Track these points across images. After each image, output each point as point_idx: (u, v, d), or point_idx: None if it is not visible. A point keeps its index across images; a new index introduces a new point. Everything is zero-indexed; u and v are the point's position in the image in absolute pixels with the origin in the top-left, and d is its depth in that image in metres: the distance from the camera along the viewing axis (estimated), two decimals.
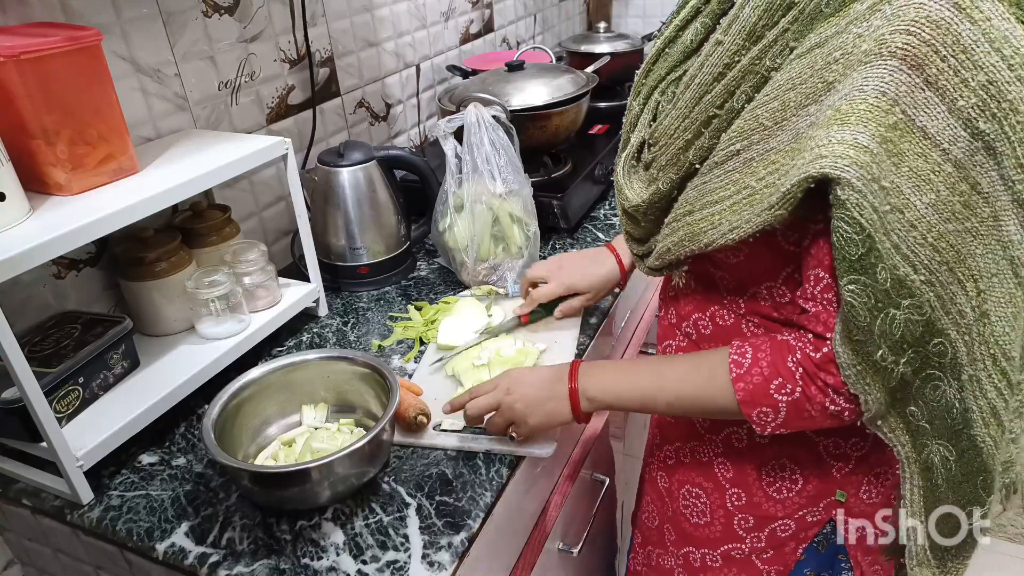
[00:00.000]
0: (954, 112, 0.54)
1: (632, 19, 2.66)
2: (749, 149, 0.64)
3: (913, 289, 0.57)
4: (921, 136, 0.55)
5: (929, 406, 0.63)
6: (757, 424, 0.68)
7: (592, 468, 1.21)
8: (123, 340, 0.92)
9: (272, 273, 1.07)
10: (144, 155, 0.94)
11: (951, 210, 0.56)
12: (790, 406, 0.66)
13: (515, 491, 0.90)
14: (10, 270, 0.70)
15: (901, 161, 0.55)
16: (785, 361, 0.66)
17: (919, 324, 0.58)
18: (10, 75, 0.74)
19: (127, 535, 0.79)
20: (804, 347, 0.65)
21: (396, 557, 0.75)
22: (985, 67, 0.53)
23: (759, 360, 0.68)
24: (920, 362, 0.61)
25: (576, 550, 1.11)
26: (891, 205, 0.56)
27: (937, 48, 0.53)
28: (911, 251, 0.57)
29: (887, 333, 0.58)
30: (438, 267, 1.32)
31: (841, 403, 0.64)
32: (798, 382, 0.65)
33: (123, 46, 1.00)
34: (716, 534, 0.85)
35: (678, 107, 0.71)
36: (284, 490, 0.78)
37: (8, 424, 0.80)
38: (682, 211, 0.72)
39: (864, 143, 0.54)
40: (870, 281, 0.57)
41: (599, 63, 1.64)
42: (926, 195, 0.56)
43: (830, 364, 0.63)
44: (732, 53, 0.65)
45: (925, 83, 0.54)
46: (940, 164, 0.55)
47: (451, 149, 1.17)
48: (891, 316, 0.57)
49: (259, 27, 1.21)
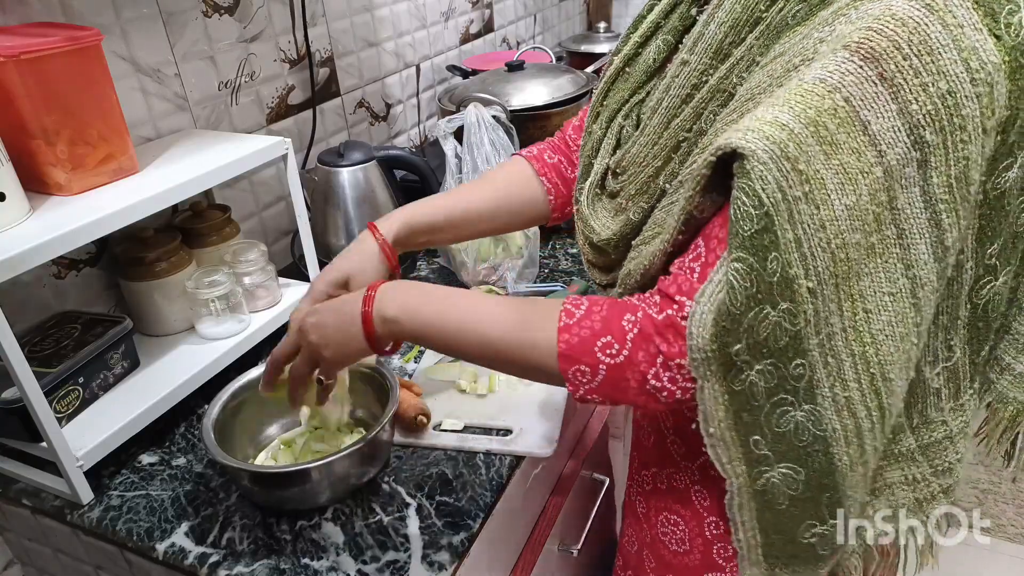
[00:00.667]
0: (904, 114, 0.50)
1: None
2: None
3: (796, 295, 0.52)
4: (861, 130, 0.51)
5: (774, 433, 0.58)
6: (571, 383, 0.61)
7: (592, 468, 1.21)
8: (123, 340, 0.92)
9: (272, 273, 1.07)
10: (144, 155, 0.94)
11: (863, 220, 0.52)
12: (610, 369, 0.60)
13: (515, 491, 0.90)
14: (10, 270, 0.70)
15: (833, 152, 0.50)
16: (621, 319, 0.60)
17: (786, 334, 0.53)
18: (10, 75, 0.74)
19: (127, 535, 0.79)
20: (648, 308, 0.59)
21: (396, 557, 0.75)
22: (948, 75, 0.49)
23: (592, 313, 0.61)
24: (776, 382, 0.56)
25: (576, 550, 1.11)
26: (805, 194, 0.50)
27: (900, 45, 0.49)
28: (811, 252, 0.51)
29: (753, 329, 0.53)
30: (438, 267, 1.32)
31: (663, 379, 0.59)
32: (627, 343, 0.59)
33: (123, 46, 1.00)
34: (695, 562, 0.81)
35: (646, 133, 0.67)
36: (284, 490, 0.78)
37: (8, 424, 0.80)
38: (651, 233, 0.67)
39: (784, 121, 0.50)
40: (759, 266, 0.51)
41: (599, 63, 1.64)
42: (847, 196, 0.51)
43: (668, 330, 0.57)
44: (700, 73, 0.62)
45: (879, 77, 0.50)
46: (872, 165, 0.51)
47: (451, 149, 1.17)
48: (764, 313, 0.52)
49: (259, 27, 1.21)
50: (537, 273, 1.24)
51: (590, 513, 1.19)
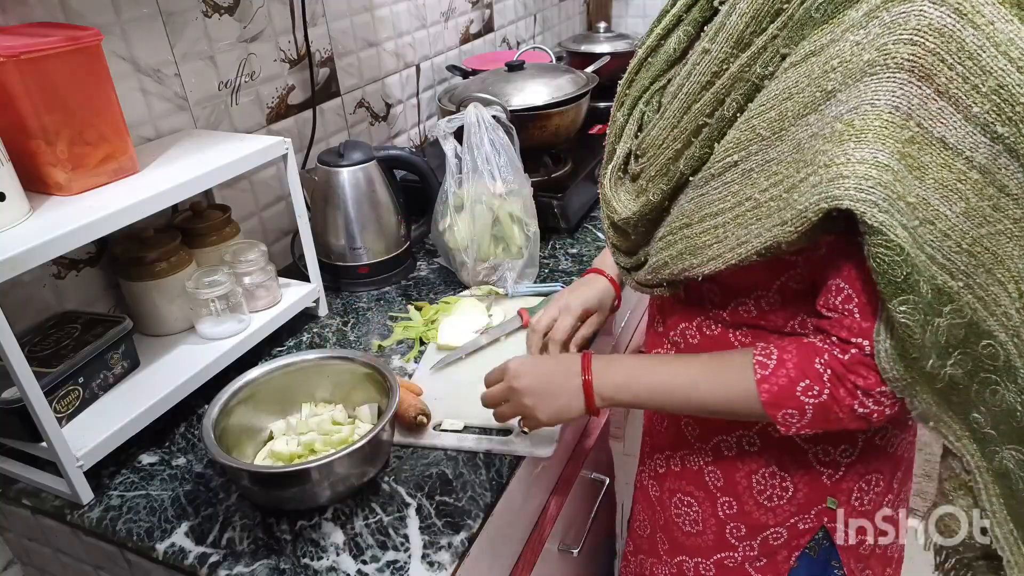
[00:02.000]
0: (970, 119, 0.54)
1: (632, 19, 2.66)
2: (747, 160, 0.63)
3: (952, 295, 0.58)
4: (941, 147, 0.55)
5: (992, 411, 0.63)
6: (782, 425, 0.67)
7: (592, 468, 1.21)
8: (123, 340, 0.92)
9: (272, 273, 1.07)
10: (144, 155, 0.94)
11: (982, 215, 0.56)
12: (816, 408, 0.65)
13: (515, 491, 0.90)
14: (10, 270, 0.70)
15: (924, 174, 0.55)
16: (812, 363, 0.65)
17: (961, 327, 0.59)
18: (10, 75, 0.74)
19: (127, 535, 0.79)
20: (831, 349, 0.64)
21: (396, 557, 0.75)
22: (994, 71, 0.52)
23: (785, 362, 0.66)
24: (972, 364, 0.61)
25: (576, 550, 1.11)
26: (919, 219, 0.56)
27: (943, 57, 0.53)
28: (947, 259, 0.57)
29: (935, 343, 0.58)
30: (438, 267, 1.32)
31: (870, 405, 0.63)
32: (826, 384, 0.64)
33: (123, 46, 1.00)
34: (709, 543, 0.84)
35: (665, 117, 0.70)
36: (284, 490, 0.78)
37: (8, 424, 0.80)
38: (678, 224, 0.70)
39: (884, 161, 0.54)
40: (917, 299, 0.56)
41: (599, 63, 1.64)
42: (956, 204, 0.56)
43: (859, 367, 0.63)
44: (720, 61, 0.64)
45: (936, 93, 0.54)
46: (965, 172, 0.55)
47: (451, 149, 1.16)
48: (936, 325, 0.58)
49: (259, 27, 1.21)
50: (537, 273, 1.24)
51: (590, 513, 1.19)
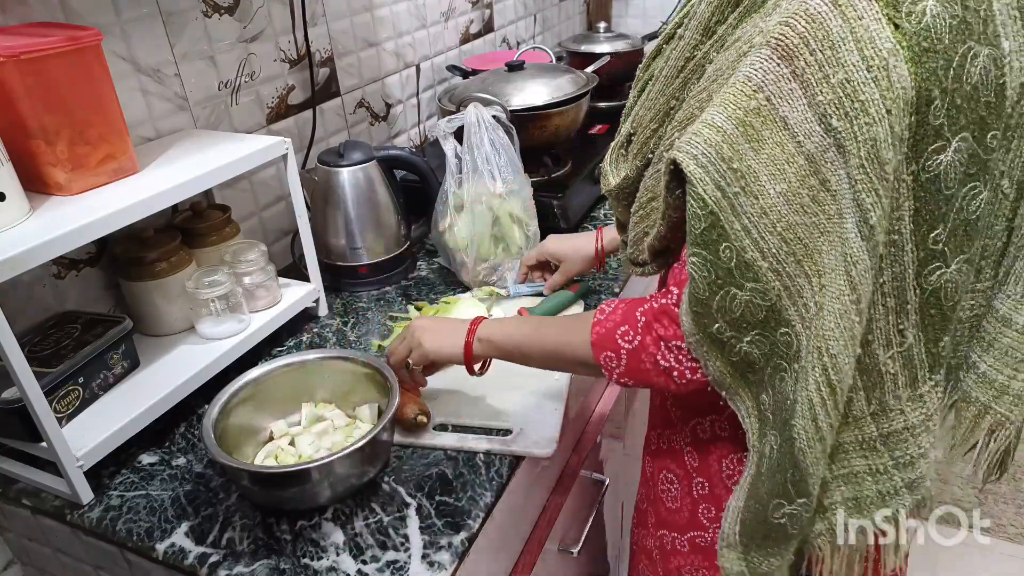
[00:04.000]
0: (813, 106, 0.55)
1: (632, 19, 2.66)
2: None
3: (759, 274, 0.59)
4: (782, 126, 0.56)
5: (775, 396, 0.64)
6: (604, 368, 0.72)
7: (592, 468, 1.21)
8: (123, 340, 0.92)
9: (272, 273, 1.07)
10: (144, 155, 0.94)
11: (800, 203, 0.57)
12: (629, 354, 0.70)
13: (515, 491, 0.90)
14: (10, 270, 0.70)
15: (761, 147, 0.56)
16: (635, 311, 0.70)
17: (762, 309, 0.60)
18: (10, 75, 0.74)
19: (127, 535, 0.79)
20: (652, 300, 0.69)
21: (396, 557, 0.75)
22: (846, 65, 0.53)
23: (618, 309, 0.72)
24: (769, 347, 0.63)
25: (576, 550, 1.11)
26: (742, 188, 0.57)
27: (808, 41, 0.54)
28: (760, 237, 0.58)
29: (725, 309, 0.61)
30: (438, 267, 1.32)
31: (671, 360, 0.68)
32: (639, 332, 0.69)
33: (123, 46, 1.00)
34: (684, 520, 0.87)
35: (649, 99, 0.74)
36: (284, 490, 0.78)
37: (8, 424, 0.80)
38: (645, 198, 0.74)
39: (718, 123, 0.57)
40: (711, 257, 0.59)
41: (599, 63, 1.64)
42: (779, 184, 0.57)
43: (663, 316, 0.67)
44: (692, 47, 0.67)
45: (792, 75, 0.55)
46: (794, 155, 0.56)
47: (451, 149, 1.16)
48: (731, 294, 0.60)
49: (259, 27, 1.21)
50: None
51: (590, 513, 1.19)
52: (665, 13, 2.55)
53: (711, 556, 0.85)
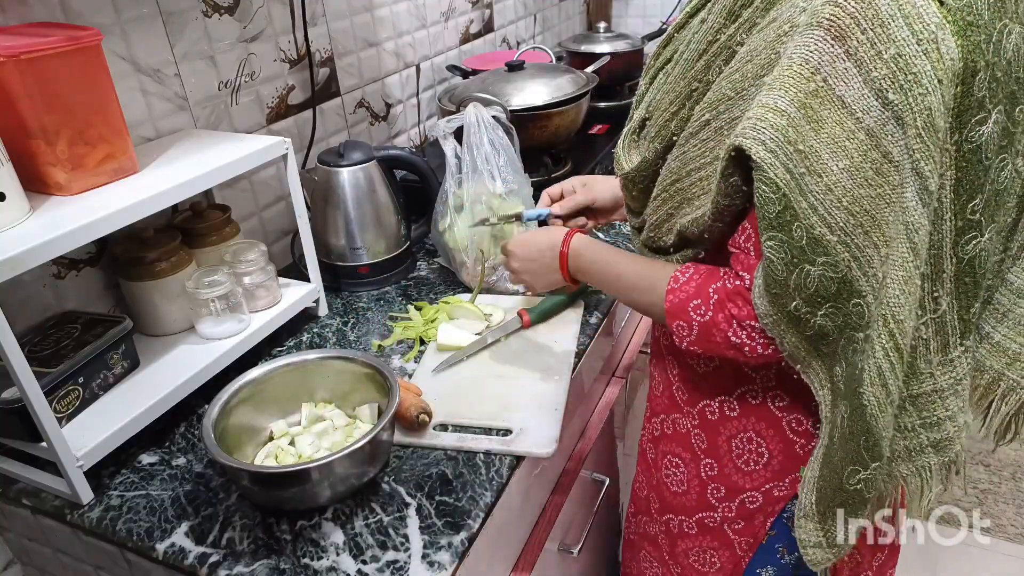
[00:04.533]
0: (868, 83, 0.57)
1: (632, 19, 2.66)
2: (717, 119, 0.68)
3: (828, 248, 0.61)
4: (840, 104, 0.58)
5: (849, 368, 0.66)
6: (675, 335, 0.76)
7: (592, 468, 1.21)
8: (123, 340, 0.92)
9: (272, 273, 1.07)
10: (144, 155, 0.94)
11: (864, 176, 0.59)
12: (701, 327, 0.73)
13: (515, 491, 0.90)
14: (10, 270, 0.70)
15: (821, 127, 0.58)
16: (708, 285, 0.72)
17: (834, 282, 0.62)
18: (10, 75, 0.74)
19: (127, 535, 0.79)
20: (725, 278, 0.71)
21: (396, 557, 0.75)
22: (896, 40, 0.55)
23: (692, 279, 0.74)
24: (842, 319, 0.64)
25: (576, 550, 1.11)
26: (807, 168, 0.59)
27: (859, 20, 0.56)
28: (827, 212, 0.60)
29: (801, 287, 0.62)
30: (438, 267, 1.32)
31: (743, 336, 0.70)
32: (711, 307, 0.71)
33: (123, 46, 1.00)
34: (692, 502, 0.89)
35: (668, 82, 0.76)
36: (284, 490, 0.78)
37: (8, 424, 0.80)
38: (669, 181, 0.76)
39: (782, 107, 0.58)
40: (786, 238, 0.61)
41: (599, 63, 1.64)
42: (841, 160, 0.58)
43: (738, 297, 0.69)
44: (715, 31, 0.69)
45: (846, 54, 0.57)
46: (854, 132, 0.58)
47: (451, 149, 1.17)
48: (806, 271, 0.62)
49: (259, 27, 1.21)
50: None
51: (590, 513, 1.19)
52: (665, 13, 2.55)
53: (720, 536, 0.87)
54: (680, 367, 0.89)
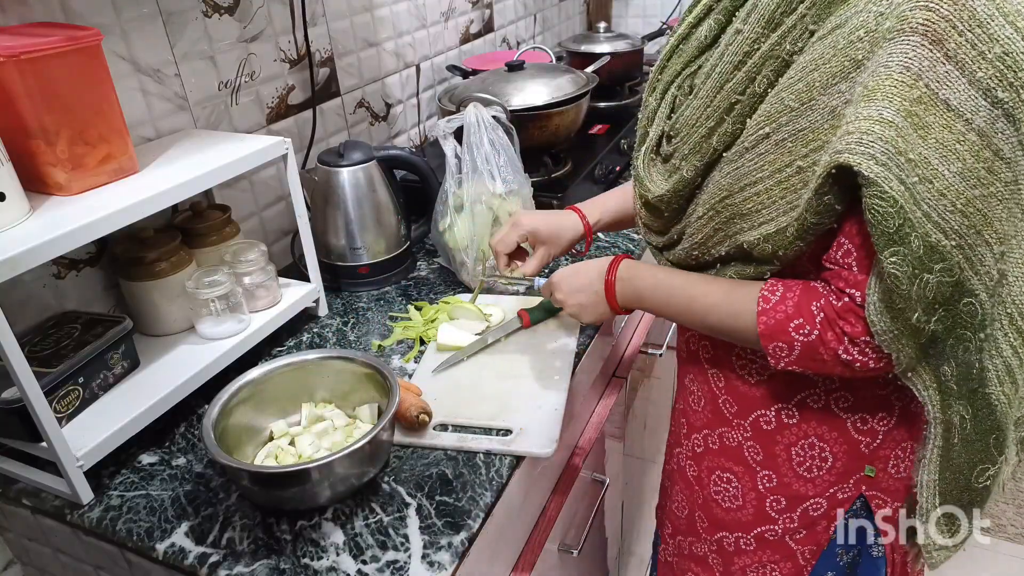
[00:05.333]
0: (974, 83, 0.56)
1: (632, 19, 2.66)
2: (779, 131, 0.66)
3: (944, 253, 0.59)
4: (944, 108, 0.57)
5: (959, 367, 0.65)
6: (772, 357, 0.72)
7: (592, 468, 1.21)
8: (123, 340, 0.92)
9: (272, 273, 1.07)
10: (144, 155, 0.94)
11: (976, 176, 0.58)
12: (804, 347, 0.69)
13: (515, 491, 0.90)
14: (10, 270, 0.70)
15: (927, 133, 0.57)
16: (810, 304, 0.69)
17: (949, 285, 0.61)
18: (10, 75, 0.74)
19: (127, 535, 0.79)
20: (828, 295, 0.68)
21: (396, 557, 0.75)
22: (1000, 39, 0.55)
23: (786, 299, 0.70)
24: (951, 320, 0.63)
25: (576, 550, 1.11)
26: (919, 176, 0.58)
27: (955, 23, 0.56)
28: (941, 218, 0.59)
29: (922, 297, 0.61)
30: (438, 267, 1.32)
31: (854, 353, 0.67)
32: (817, 326, 0.68)
33: (123, 46, 1.00)
34: (748, 517, 0.86)
35: (699, 97, 0.74)
36: (284, 490, 0.78)
37: (8, 424, 0.80)
38: (718, 198, 0.73)
39: (889, 118, 0.57)
40: (906, 251, 0.59)
41: (599, 63, 1.64)
42: (953, 164, 0.58)
43: (849, 314, 0.66)
44: (752, 41, 0.68)
45: (945, 57, 0.56)
46: (964, 134, 0.57)
47: (451, 149, 1.17)
48: (925, 280, 0.60)
49: (259, 27, 1.21)
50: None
51: (590, 513, 1.19)
52: (665, 13, 2.55)
53: (782, 548, 0.85)
54: (727, 380, 0.85)
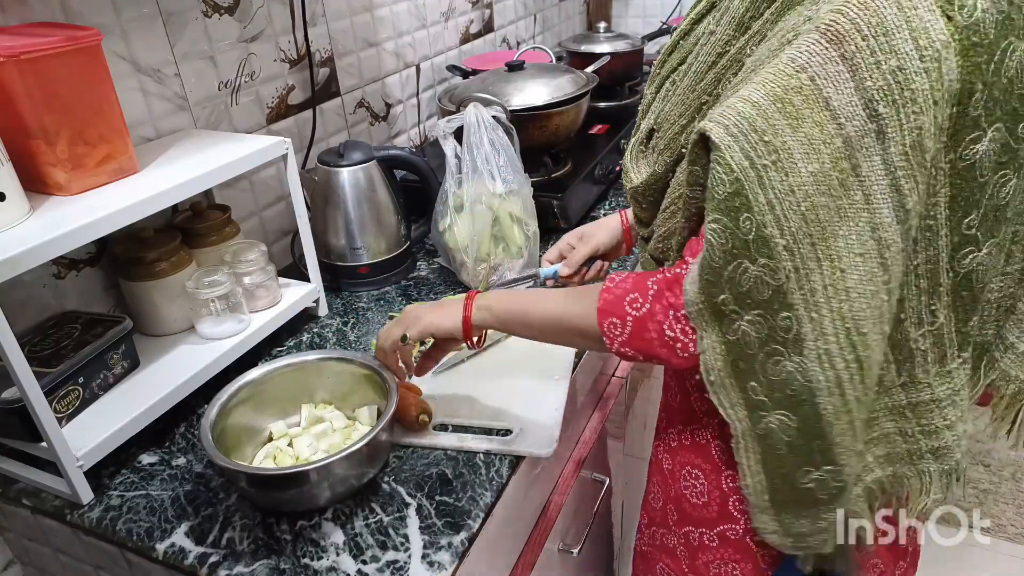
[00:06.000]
0: (860, 90, 0.55)
1: (632, 19, 2.66)
2: None
3: (773, 251, 0.59)
4: (823, 106, 0.56)
5: (769, 380, 0.65)
6: (607, 336, 0.71)
7: (592, 468, 1.21)
8: (123, 340, 0.92)
9: (272, 273, 1.07)
10: (144, 155, 0.94)
11: (828, 184, 0.57)
12: (636, 321, 0.69)
13: (515, 491, 0.90)
14: (10, 270, 0.70)
15: (799, 125, 0.57)
16: (647, 280, 0.69)
17: (769, 287, 0.60)
18: (10, 75, 0.74)
19: (127, 535, 0.79)
20: (667, 270, 0.69)
21: (396, 557, 0.75)
22: (899, 53, 0.54)
23: (628, 278, 0.72)
24: (767, 332, 0.62)
25: (576, 550, 1.11)
26: (774, 162, 0.57)
27: (860, 27, 0.55)
28: (783, 214, 0.58)
29: (735, 281, 0.60)
30: (438, 267, 1.32)
31: (676, 330, 0.67)
32: (649, 299, 0.68)
33: (123, 46, 1.00)
34: (713, 514, 0.87)
35: (677, 94, 0.75)
36: (282, 492, 0.78)
37: (8, 424, 0.80)
38: (677, 194, 0.74)
39: (755, 99, 0.57)
40: (732, 225, 0.59)
41: (599, 63, 1.64)
42: (812, 163, 0.57)
43: (675, 285, 0.67)
44: (724, 43, 0.68)
45: (840, 57, 0.55)
46: (832, 136, 0.57)
47: (451, 149, 1.16)
48: (743, 267, 0.60)
49: (259, 27, 1.21)
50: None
51: (590, 513, 1.19)
52: (665, 13, 2.55)
53: (742, 548, 0.85)
54: (699, 375, 0.87)
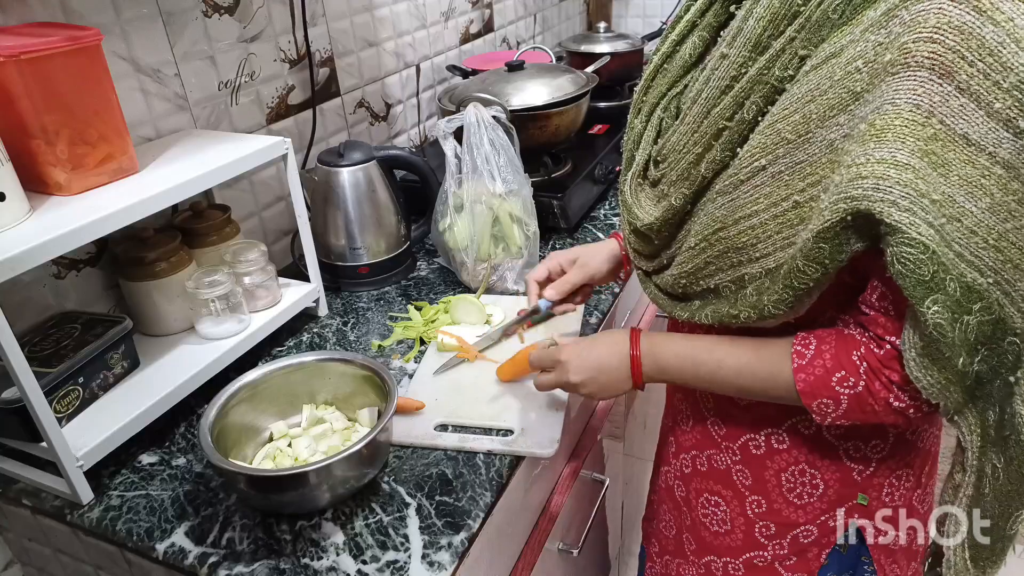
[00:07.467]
0: (992, 115, 0.54)
1: (632, 19, 2.66)
2: (775, 163, 0.64)
3: (981, 292, 0.57)
4: (964, 143, 0.55)
5: (1003, 412, 0.63)
6: (817, 414, 0.69)
7: (592, 468, 1.21)
8: (123, 340, 0.92)
9: (272, 273, 1.07)
10: (144, 155, 0.94)
11: (1007, 210, 0.56)
12: (851, 399, 0.66)
13: (515, 491, 0.90)
14: (10, 270, 0.70)
15: (949, 171, 0.55)
16: (849, 355, 0.66)
17: (989, 324, 0.58)
18: (10, 75, 0.74)
19: (127, 535, 0.79)
20: (868, 343, 0.65)
21: (396, 557, 0.75)
22: (1015, 67, 0.53)
23: (822, 352, 0.68)
24: (996, 359, 0.60)
25: (576, 550, 1.11)
26: (946, 216, 0.55)
27: (963, 54, 0.53)
28: (975, 256, 0.56)
29: (964, 340, 0.58)
30: (438, 267, 1.32)
31: (905, 399, 0.64)
32: (862, 376, 0.65)
33: (123, 46, 1.00)
34: (737, 542, 0.84)
35: (686, 122, 0.71)
36: (281, 493, 0.78)
37: (8, 424, 0.80)
38: (711, 229, 0.70)
39: (904, 160, 0.54)
40: (945, 296, 0.56)
41: (599, 63, 1.64)
42: (981, 200, 0.55)
43: (893, 362, 0.64)
44: (739, 65, 0.65)
45: (958, 90, 0.54)
46: (989, 168, 0.55)
47: (451, 149, 1.17)
48: (966, 323, 0.57)
49: (259, 27, 1.21)
50: None
51: (590, 513, 1.19)
52: (665, 13, 2.55)
53: (771, 574, 0.83)
54: (716, 402, 0.83)
